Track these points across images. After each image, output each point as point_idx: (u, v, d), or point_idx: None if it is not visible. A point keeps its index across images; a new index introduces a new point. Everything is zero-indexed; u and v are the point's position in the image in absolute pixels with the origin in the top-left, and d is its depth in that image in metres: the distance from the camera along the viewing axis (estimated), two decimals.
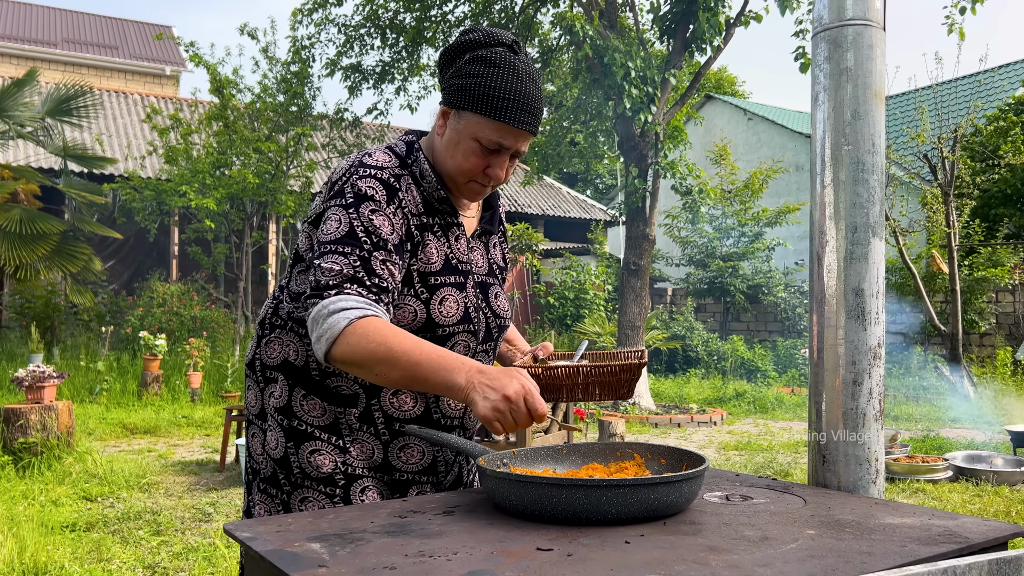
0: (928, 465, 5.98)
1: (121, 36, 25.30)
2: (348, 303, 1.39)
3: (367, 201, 1.48)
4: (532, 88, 1.50)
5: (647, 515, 1.21)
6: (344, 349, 1.36)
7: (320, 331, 1.38)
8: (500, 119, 1.47)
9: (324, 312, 1.39)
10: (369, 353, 1.35)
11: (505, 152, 1.53)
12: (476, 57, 1.50)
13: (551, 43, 12.82)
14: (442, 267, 1.57)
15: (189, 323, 12.42)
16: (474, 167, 1.53)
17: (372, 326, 1.37)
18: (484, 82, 1.47)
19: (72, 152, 11.65)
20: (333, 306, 1.38)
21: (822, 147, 1.56)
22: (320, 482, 1.56)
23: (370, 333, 1.36)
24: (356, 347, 1.35)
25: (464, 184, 1.57)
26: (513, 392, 1.29)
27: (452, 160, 1.54)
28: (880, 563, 1.01)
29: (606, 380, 1.47)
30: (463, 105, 1.50)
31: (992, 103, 16.56)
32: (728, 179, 15.76)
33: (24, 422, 5.96)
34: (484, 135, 1.49)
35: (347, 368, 1.41)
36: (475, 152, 1.51)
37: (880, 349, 1.53)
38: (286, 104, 13.15)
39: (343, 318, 1.37)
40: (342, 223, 1.46)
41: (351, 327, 1.36)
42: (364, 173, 1.51)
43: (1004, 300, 12.91)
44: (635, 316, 10.15)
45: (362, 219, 1.46)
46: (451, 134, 1.53)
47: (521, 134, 1.51)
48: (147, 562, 3.99)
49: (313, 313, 1.41)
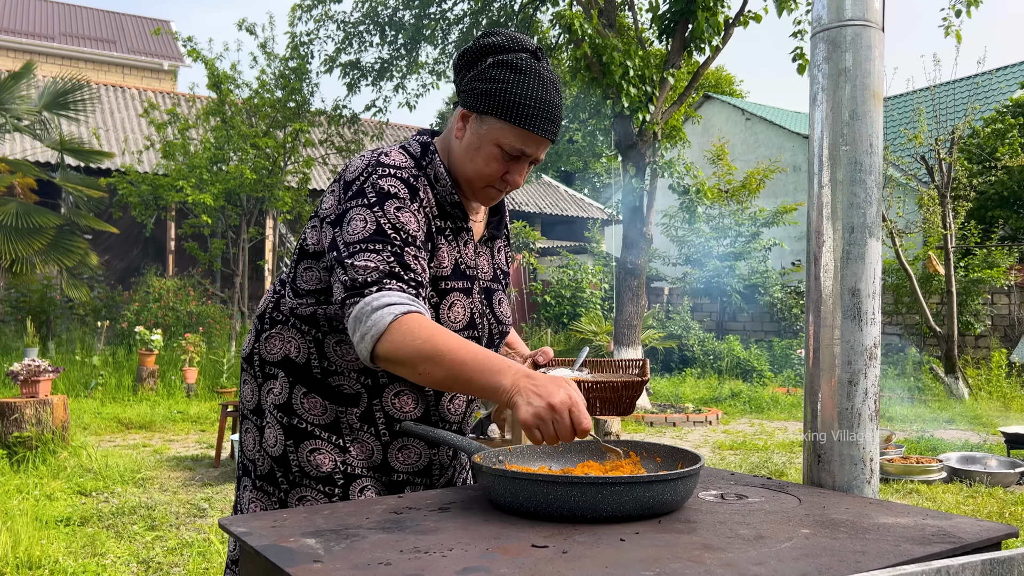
0: (922, 466, 5.99)
1: (119, 30, 25.24)
2: (391, 298, 1.36)
3: (391, 199, 1.45)
4: (555, 96, 1.50)
5: (642, 513, 1.21)
6: (389, 347, 1.33)
7: (364, 329, 1.35)
8: (524, 126, 1.46)
9: (367, 309, 1.35)
10: (415, 351, 1.32)
11: (525, 159, 1.52)
12: (500, 62, 1.48)
13: (550, 41, 12.82)
14: (452, 272, 1.55)
15: (185, 318, 12.40)
16: (494, 172, 1.51)
17: (417, 322, 1.34)
18: (509, 88, 1.46)
19: (69, 146, 11.61)
20: (376, 302, 1.35)
21: (820, 147, 1.56)
22: (319, 481, 1.55)
23: (416, 329, 1.33)
24: (401, 344, 1.32)
25: (481, 189, 1.55)
26: (559, 401, 1.25)
27: (472, 164, 1.52)
28: (874, 562, 1.02)
29: (607, 396, 1.47)
30: (486, 110, 1.48)
31: (989, 105, 16.59)
32: (725, 179, 15.76)
33: (19, 416, 5.95)
34: (507, 141, 1.48)
35: (391, 367, 1.37)
36: (496, 158, 1.50)
37: (876, 349, 1.53)
38: (284, 100, 13.13)
39: (388, 314, 1.34)
40: (368, 222, 1.43)
41: (396, 323, 1.33)
42: (384, 172, 1.48)
43: (1000, 302, 12.94)
44: (632, 315, 10.16)
45: (388, 216, 1.44)
46: (472, 138, 1.51)
47: (543, 142, 1.51)
48: (141, 557, 3.99)
49: (355, 312, 1.37)
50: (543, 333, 15.17)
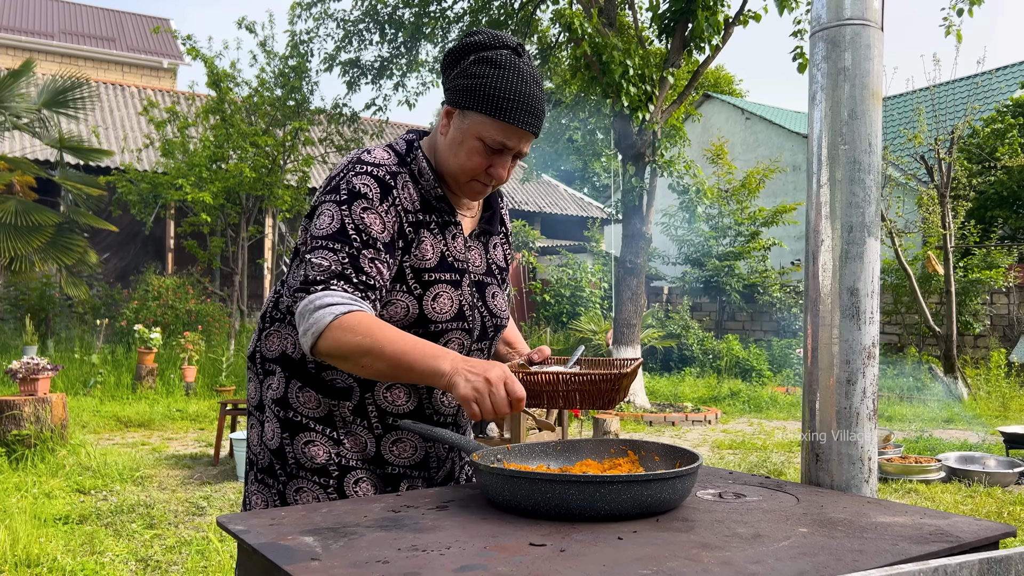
0: (921, 466, 6.00)
1: (118, 28, 25.22)
2: (333, 299, 1.43)
3: (360, 199, 1.51)
4: (535, 90, 1.54)
5: (640, 512, 1.21)
6: (330, 344, 1.40)
7: (306, 325, 1.43)
8: (504, 119, 1.50)
9: (310, 307, 1.43)
10: (355, 346, 1.39)
11: (508, 152, 1.56)
12: (481, 59, 1.53)
13: (550, 40, 12.81)
14: (437, 264, 1.59)
15: (184, 317, 12.40)
16: (477, 166, 1.55)
17: (357, 320, 1.41)
18: (489, 83, 1.50)
19: (68, 144, 11.61)
20: (319, 301, 1.42)
21: (819, 146, 1.56)
22: (315, 472, 1.59)
23: (355, 327, 1.40)
24: (341, 341, 1.39)
25: (466, 183, 1.59)
26: (495, 376, 1.33)
27: (455, 159, 1.56)
28: (872, 561, 1.02)
29: (586, 389, 1.48)
30: (468, 105, 1.52)
31: (989, 105, 16.59)
32: (725, 178, 15.77)
33: (18, 414, 5.95)
34: (488, 135, 1.52)
35: (333, 361, 1.44)
36: (479, 151, 1.54)
37: (874, 349, 1.53)
38: (283, 98, 13.12)
39: (328, 313, 1.41)
40: (334, 219, 1.50)
41: (336, 322, 1.40)
42: (360, 170, 1.53)
43: (999, 302, 12.94)
44: (631, 314, 10.16)
45: (353, 217, 1.49)
46: (455, 133, 1.56)
47: (524, 135, 1.54)
48: (140, 555, 3.99)
49: (300, 307, 1.45)
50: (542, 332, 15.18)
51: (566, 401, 1.50)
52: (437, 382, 1.37)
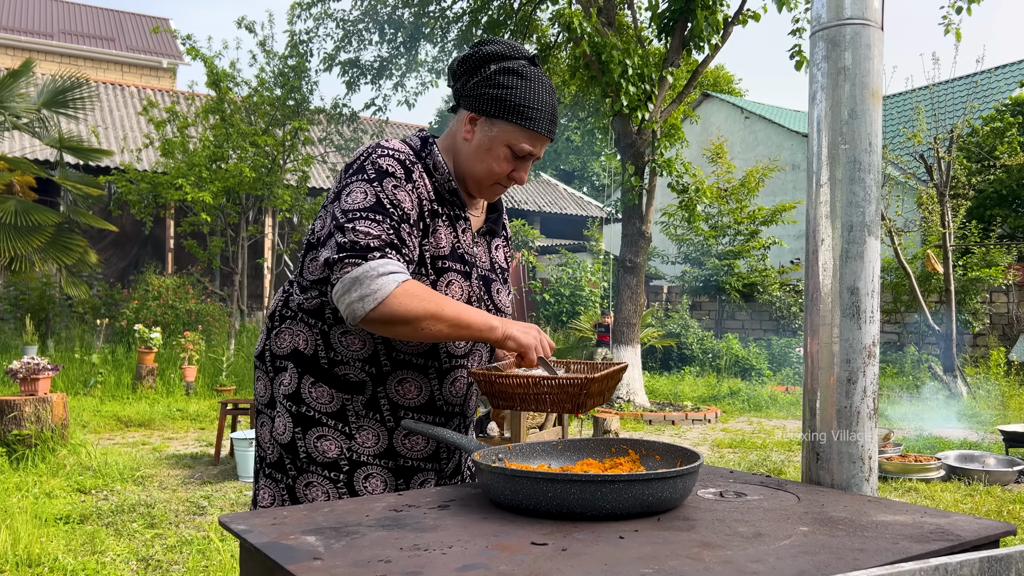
0: (921, 464, 6.00)
1: (118, 28, 25.20)
2: (394, 267, 1.47)
3: (389, 177, 1.57)
4: (554, 98, 1.65)
5: (641, 511, 1.22)
6: (393, 308, 1.45)
7: (363, 291, 1.44)
8: (533, 128, 1.60)
9: (372, 274, 1.45)
10: (422, 311, 1.46)
11: (531, 158, 1.65)
12: (504, 69, 1.61)
13: (549, 40, 12.80)
14: (449, 253, 1.65)
15: (184, 316, 12.39)
16: (503, 171, 1.64)
17: (418, 286, 1.48)
18: (517, 93, 1.59)
19: (68, 144, 11.60)
20: (382, 268, 1.46)
21: (819, 146, 1.57)
22: (326, 467, 1.61)
23: (420, 293, 1.47)
24: (408, 306, 1.45)
25: (489, 186, 1.68)
26: (537, 329, 1.56)
27: (482, 164, 1.64)
28: (872, 560, 1.02)
29: (555, 392, 1.49)
30: (496, 114, 1.60)
31: (988, 104, 16.59)
32: (724, 177, 15.76)
33: (18, 414, 5.95)
34: (516, 142, 1.61)
35: (387, 327, 1.48)
36: (507, 158, 1.62)
37: (874, 348, 1.53)
38: (283, 98, 13.12)
39: (392, 281, 1.45)
40: (368, 195, 1.54)
41: (400, 288, 1.45)
42: (383, 153, 1.59)
43: (998, 301, 12.94)
44: (630, 313, 10.16)
45: (387, 192, 1.55)
46: (482, 139, 1.63)
47: (546, 141, 1.66)
48: (141, 555, 3.99)
49: (357, 273, 1.46)
50: None
51: (537, 404, 1.51)
52: (491, 335, 1.51)
